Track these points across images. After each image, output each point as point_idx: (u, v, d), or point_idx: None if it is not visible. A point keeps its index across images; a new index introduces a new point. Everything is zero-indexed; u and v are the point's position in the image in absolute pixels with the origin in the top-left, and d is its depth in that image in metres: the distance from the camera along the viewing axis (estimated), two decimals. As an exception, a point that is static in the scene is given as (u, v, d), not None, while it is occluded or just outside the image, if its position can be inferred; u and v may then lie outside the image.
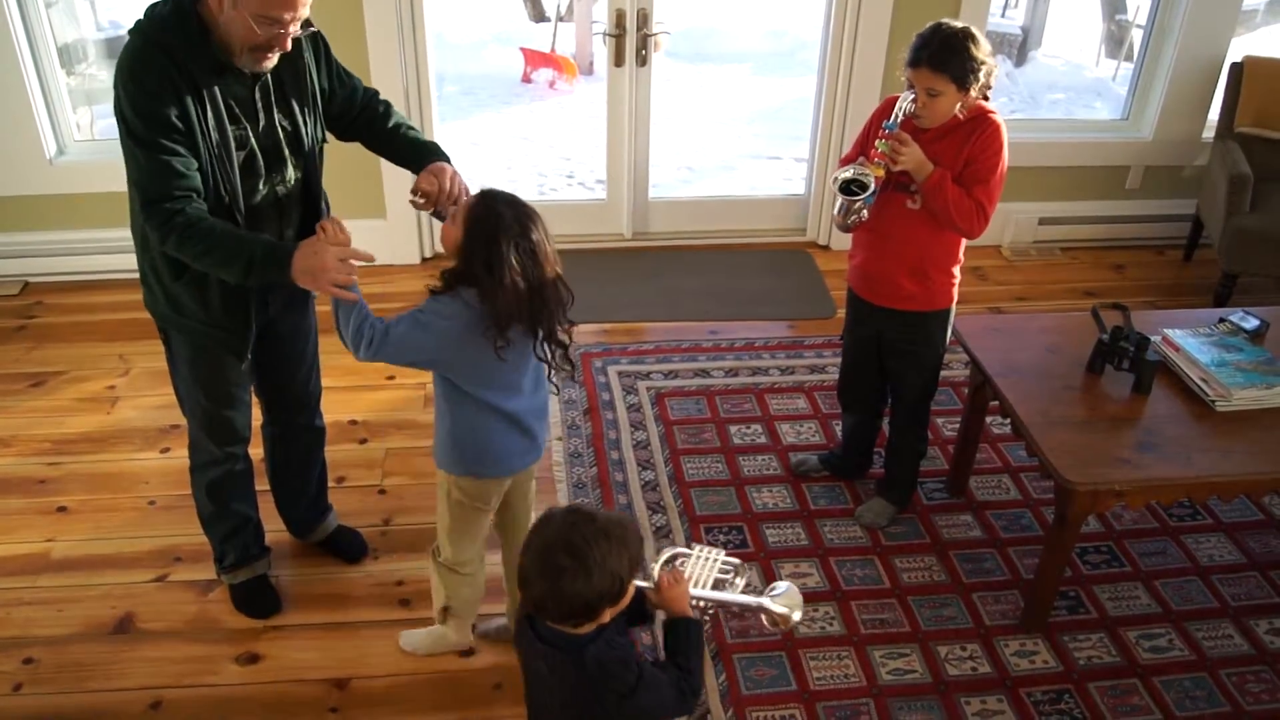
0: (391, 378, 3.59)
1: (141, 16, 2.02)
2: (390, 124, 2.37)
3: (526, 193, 5.68)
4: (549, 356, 2.13)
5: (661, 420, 3.40)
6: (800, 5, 8.60)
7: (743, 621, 2.66)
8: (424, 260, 4.34)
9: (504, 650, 2.60)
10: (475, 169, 5.89)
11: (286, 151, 2.19)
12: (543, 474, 3.15)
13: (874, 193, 2.52)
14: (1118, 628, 2.73)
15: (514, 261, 1.95)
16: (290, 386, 2.59)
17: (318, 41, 2.23)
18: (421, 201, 2.21)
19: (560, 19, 8.17)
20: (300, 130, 2.20)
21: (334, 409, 3.38)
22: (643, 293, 4.17)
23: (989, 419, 3.21)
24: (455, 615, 2.51)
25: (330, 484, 2.93)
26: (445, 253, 2.08)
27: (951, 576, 2.86)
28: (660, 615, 1.89)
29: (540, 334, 2.07)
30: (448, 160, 2.29)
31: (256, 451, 2.65)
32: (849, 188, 2.53)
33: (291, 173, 2.22)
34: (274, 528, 2.83)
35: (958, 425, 3.17)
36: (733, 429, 3.38)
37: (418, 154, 2.31)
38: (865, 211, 2.56)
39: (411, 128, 2.40)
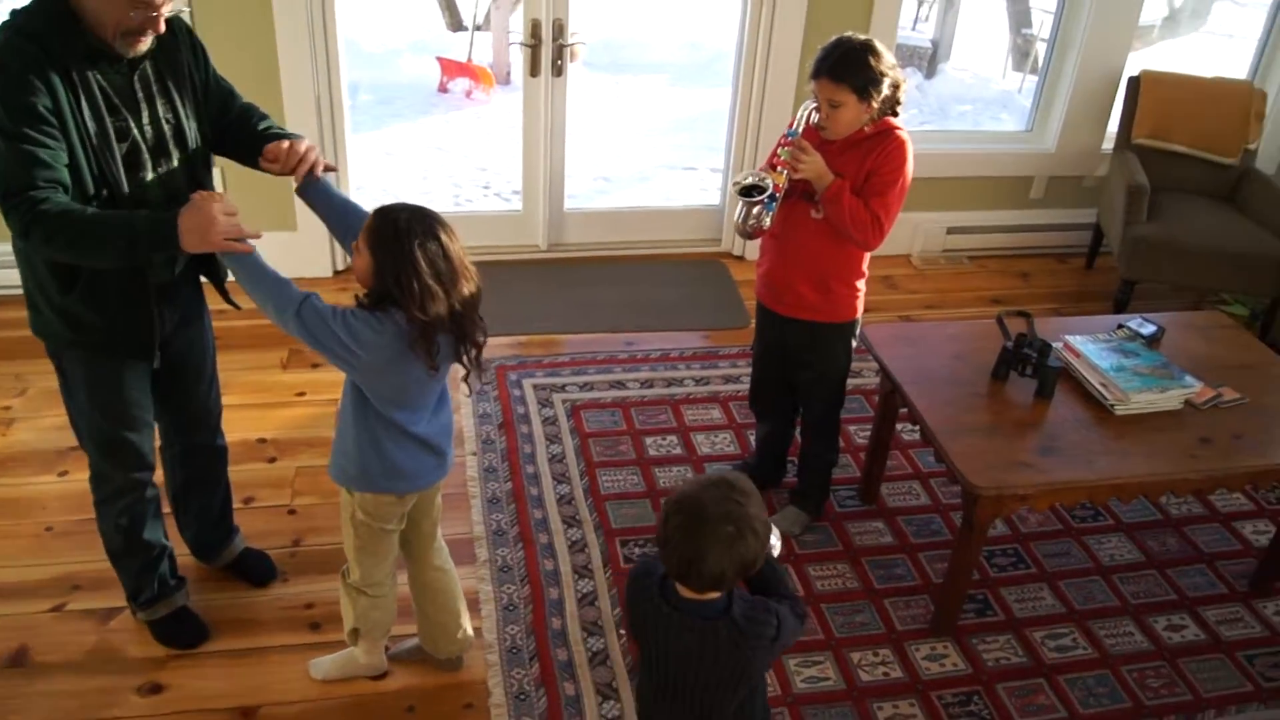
0: (302, 394, 3.52)
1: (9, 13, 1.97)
2: (262, 126, 2.31)
3: (441, 203, 5.68)
4: (470, 362, 2.13)
5: (577, 433, 3.39)
6: (717, 17, 8.67)
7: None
8: (336, 273, 4.27)
9: (417, 671, 2.57)
10: (390, 179, 5.83)
11: (171, 145, 2.13)
12: (456, 490, 3.12)
13: (774, 198, 2.54)
14: (1024, 628, 2.79)
15: (423, 264, 1.94)
16: (190, 405, 2.52)
17: (195, 42, 2.20)
18: (275, 167, 2.21)
19: (477, 28, 8.12)
20: (183, 124, 2.15)
21: (241, 427, 3.30)
22: (558, 304, 4.16)
23: (899, 426, 3.26)
24: (366, 637, 2.47)
25: (237, 505, 2.85)
26: (359, 282, 2.05)
27: (864, 583, 2.90)
28: None
29: (464, 340, 2.06)
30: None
31: (157, 475, 2.57)
32: (748, 192, 2.55)
33: (179, 167, 2.16)
34: (179, 550, 2.74)
35: (869, 433, 3.21)
36: (648, 440, 3.39)
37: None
38: (767, 219, 2.58)
39: (282, 130, 2.34)
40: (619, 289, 4.30)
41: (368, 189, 5.59)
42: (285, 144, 2.21)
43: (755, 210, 2.56)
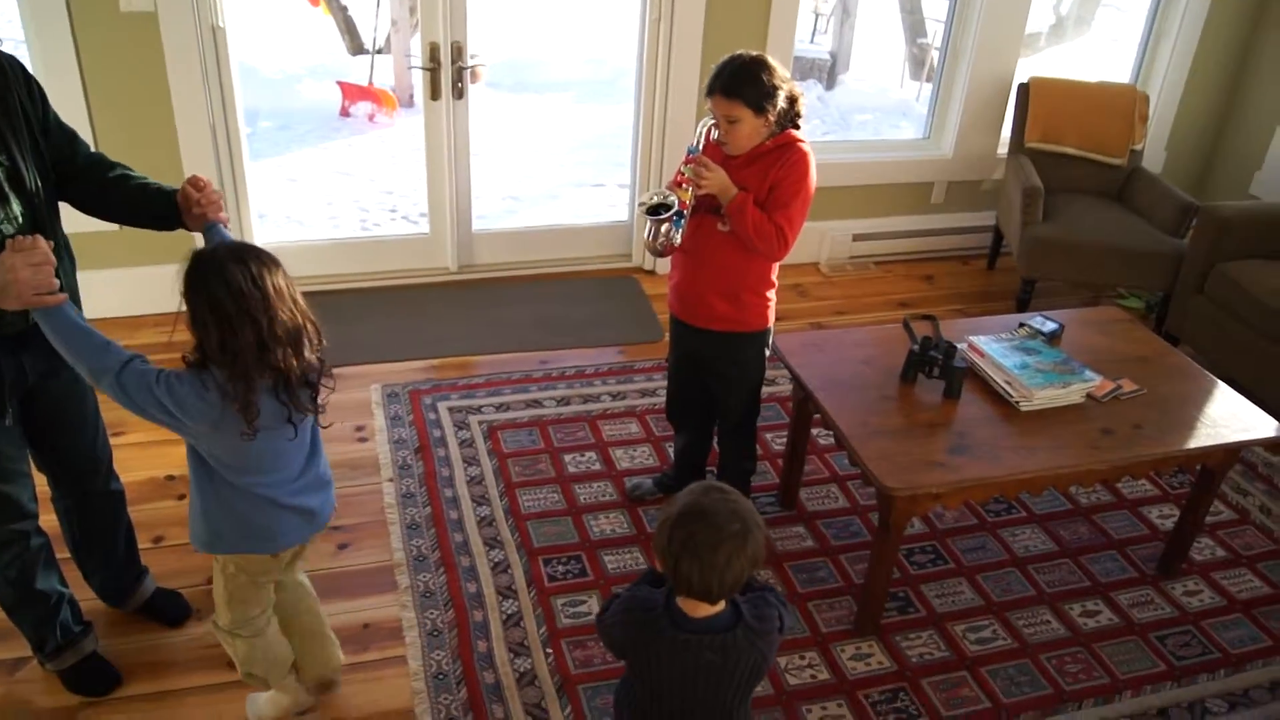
0: (210, 428, 3.43)
1: None
2: (116, 173, 2.21)
3: (348, 229, 5.59)
4: (303, 403, 1.98)
5: (495, 454, 3.37)
6: (618, 34, 8.73)
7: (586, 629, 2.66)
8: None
9: (345, 705, 2.51)
10: (293, 206, 5.73)
11: (7, 188, 2.01)
12: (374, 517, 3.08)
13: (681, 215, 2.57)
14: (945, 623, 2.85)
15: (224, 299, 1.81)
16: (73, 454, 2.41)
17: (30, 80, 2.08)
18: (198, 196, 2.15)
19: (378, 51, 8.05)
20: (19, 167, 2.03)
21: (145, 465, 3.22)
22: (471, 326, 4.13)
23: (814, 431, 3.31)
24: (269, 677, 2.37)
25: (146, 545, 2.78)
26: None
27: (787, 587, 2.93)
28: None
29: (286, 380, 1.92)
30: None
31: (50, 519, 2.46)
32: (655, 211, 2.57)
33: (18, 211, 2.03)
34: (85, 596, 2.65)
35: (785, 439, 3.25)
36: (567, 458, 3.38)
37: (148, 197, 2.19)
38: (677, 235, 2.60)
39: (144, 177, 2.25)
40: (531, 308, 4.30)
41: (271, 217, 5.50)
42: (204, 180, 2.14)
43: (664, 228, 2.58)
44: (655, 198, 2.57)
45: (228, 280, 1.82)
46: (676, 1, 4.10)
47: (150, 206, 2.22)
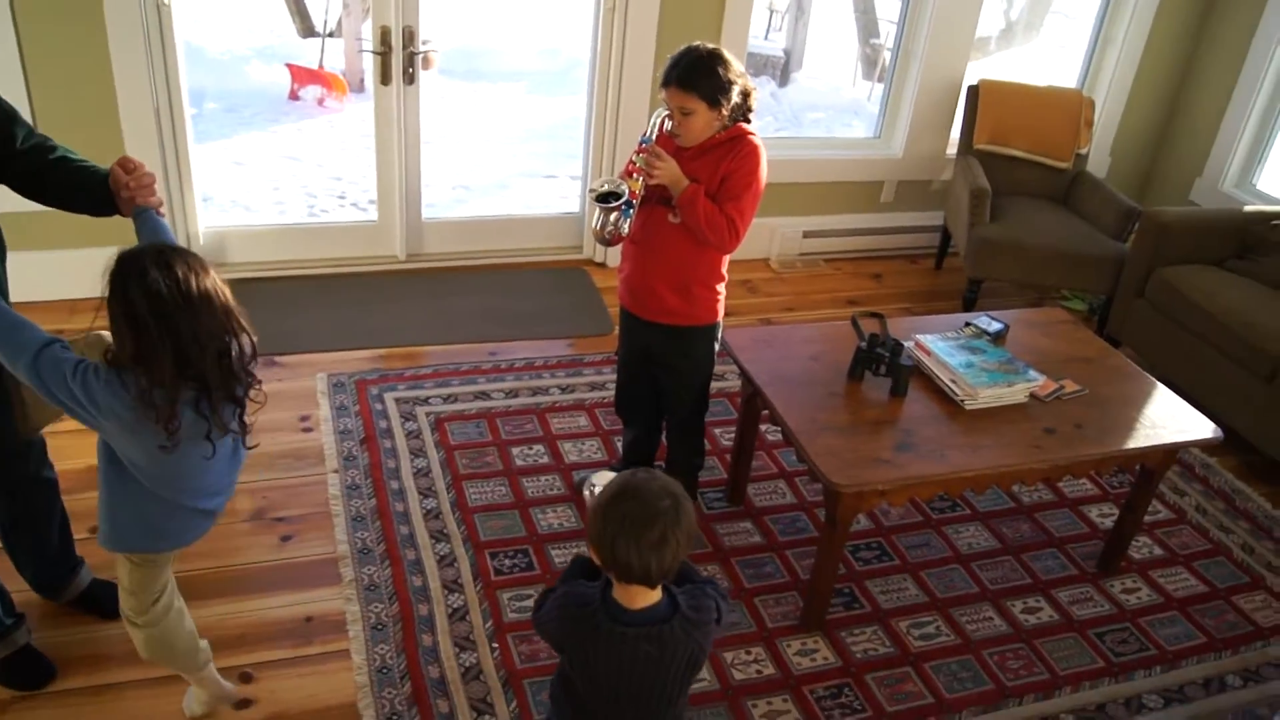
0: (149, 416, 3.36)
1: None
2: (56, 155, 2.13)
3: (296, 214, 5.51)
4: (225, 420, 1.88)
5: (442, 446, 3.34)
6: (572, 24, 8.69)
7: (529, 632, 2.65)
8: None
9: (283, 697, 2.48)
10: (240, 190, 5.63)
11: None
12: (318, 509, 3.04)
13: (630, 205, 2.56)
14: (890, 619, 2.88)
15: (139, 300, 1.71)
16: (2, 441, 2.34)
17: None
18: (127, 179, 2.07)
19: (329, 34, 7.93)
20: None
21: (79, 453, 3.13)
22: (419, 316, 4.10)
23: (763, 427, 3.32)
24: (185, 670, 2.31)
25: (81, 535, 2.70)
26: None
27: (734, 582, 2.94)
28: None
29: (209, 394, 1.83)
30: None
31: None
32: (605, 199, 2.57)
33: None
34: (18, 588, 2.59)
35: (734, 435, 3.26)
36: (515, 451, 3.36)
37: (86, 181, 2.10)
38: (625, 225, 2.59)
39: (84, 160, 2.17)
40: (481, 299, 4.27)
41: (216, 200, 5.40)
42: (135, 161, 2.06)
43: (613, 217, 2.57)
44: (606, 185, 2.57)
45: (148, 285, 1.71)
46: (632, -7, 4.09)
47: (88, 191, 2.14)
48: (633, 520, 1.68)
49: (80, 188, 2.14)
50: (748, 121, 2.64)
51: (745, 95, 2.58)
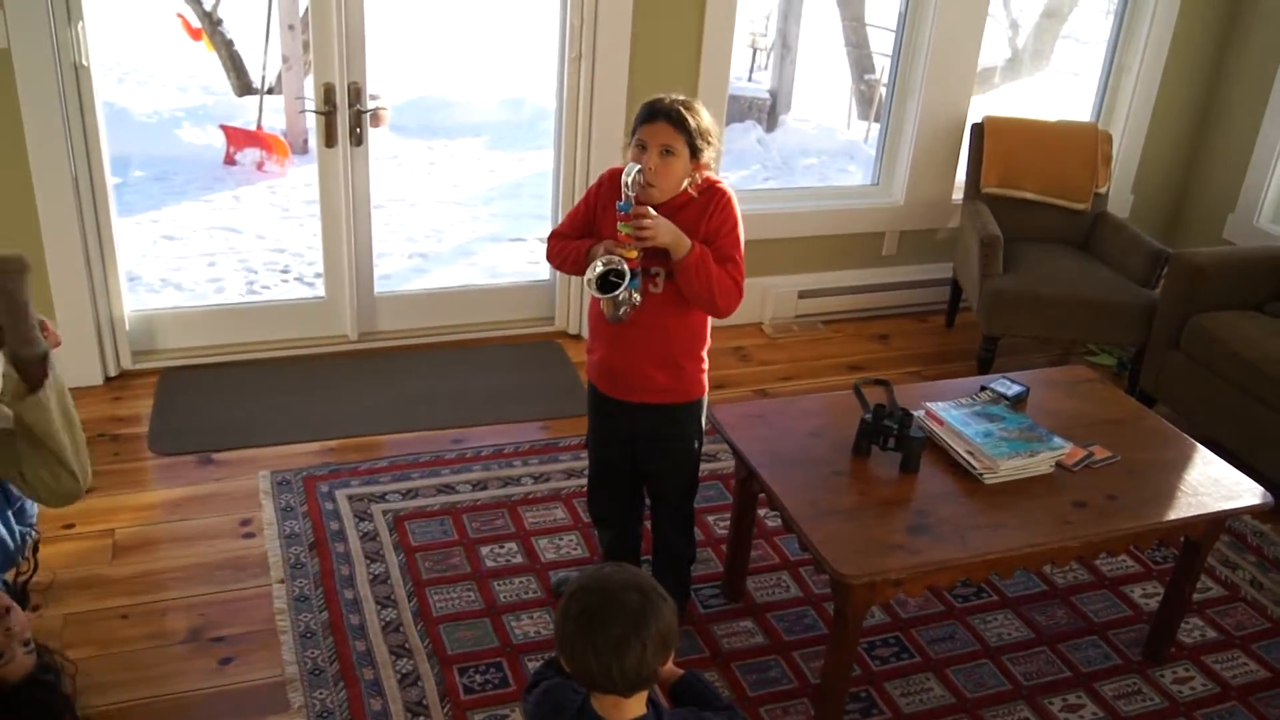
0: (70, 526, 3.34)
1: None
2: None
3: (233, 293, 5.53)
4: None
5: (402, 548, 3.32)
6: (536, 72, 8.83)
7: None
8: (108, 379, 4.09)
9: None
10: (170, 267, 5.66)
11: None
12: (263, 625, 3.00)
13: (634, 273, 2.59)
14: (912, 726, 2.84)
15: None
16: None
17: None
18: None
19: (268, 92, 8.04)
20: None
21: (-5, 572, 3.10)
22: (373, 402, 4.09)
23: (761, 512, 3.31)
24: None
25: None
26: None
27: (736, 691, 2.90)
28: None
29: None
30: None
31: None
32: (608, 285, 2.57)
33: None
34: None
35: (729, 522, 3.24)
36: (484, 550, 3.34)
37: None
38: (637, 296, 2.62)
39: None
40: (443, 380, 4.27)
41: (144, 279, 5.42)
42: None
43: (622, 296, 2.58)
44: (601, 266, 2.56)
45: None
46: (599, 37, 4.17)
47: None
48: (591, 617, 1.67)
49: None
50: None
51: (714, 153, 2.65)
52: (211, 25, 8.42)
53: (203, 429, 3.85)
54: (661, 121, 2.56)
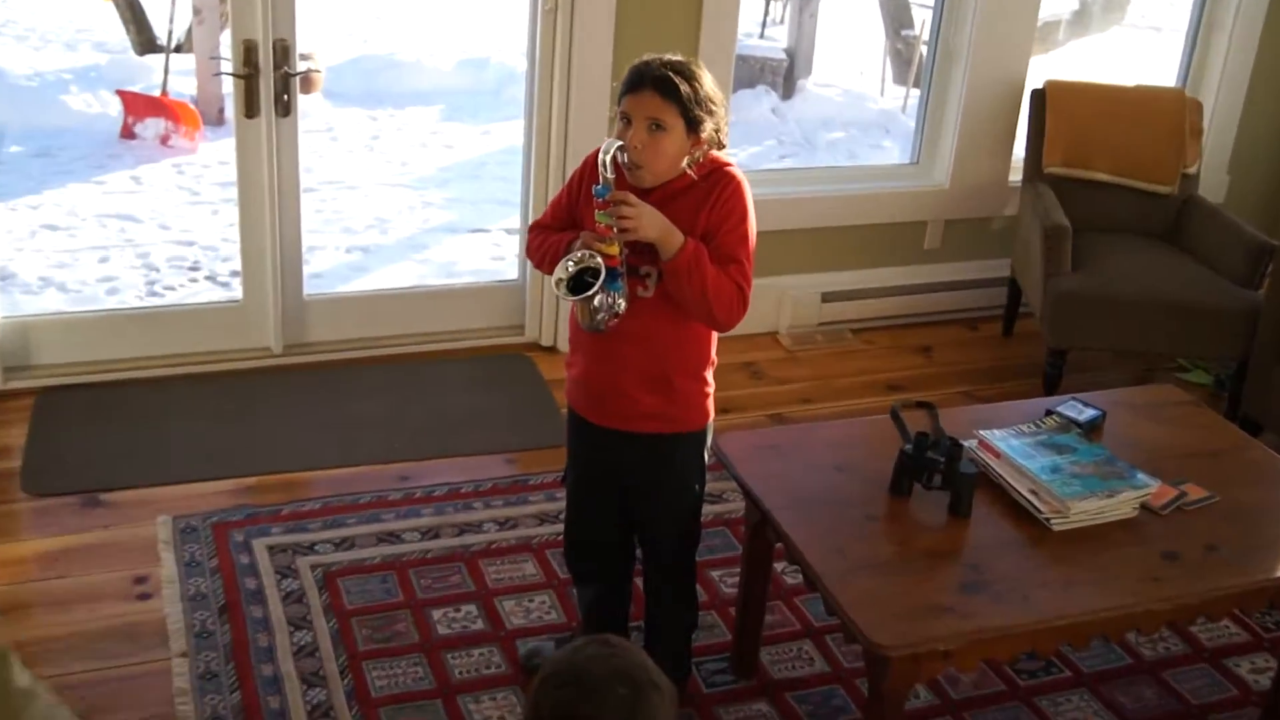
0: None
1: None
2: None
3: (130, 295, 5.49)
4: None
5: (334, 611, 3.30)
6: (503, 26, 8.84)
7: None
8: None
9: None
10: (53, 263, 5.62)
11: None
12: (160, 709, 2.97)
13: (614, 272, 2.54)
14: (965, 832, 2.81)
15: None
16: None
17: None
18: None
19: (175, 49, 8.02)
20: None
21: None
22: (301, 429, 4.08)
23: (777, 566, 3.27)
24: None
25: None
26: None
27: (746, 789, 2.87)
28: None
29: None
30: None
31: None
32: (580, 285, 2.53)
33: None
34: None
35: (738, 579, 3.21)
36: (436, 614, 3.32)
37: None
38: (621, 300, 2.58)
39: None
40: (387, 402, 4.25)
41: (19, 278, 5.38)
42: None
43: (599, 300, 2.54)
44: (572, 265, 2.53)
45: None
46: (577, -16, 4.16)
47: None
48: (567, 715, 1.65)
49: None
50: (721, 150, 2.68)
51: (719, 129, 2.62)
52: (107, -33, 8.43)
53: (89, 463, 3.83)
54: (648, 90, 2.53)
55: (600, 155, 2.54)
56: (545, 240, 2.75)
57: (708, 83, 2.58)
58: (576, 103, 4.29)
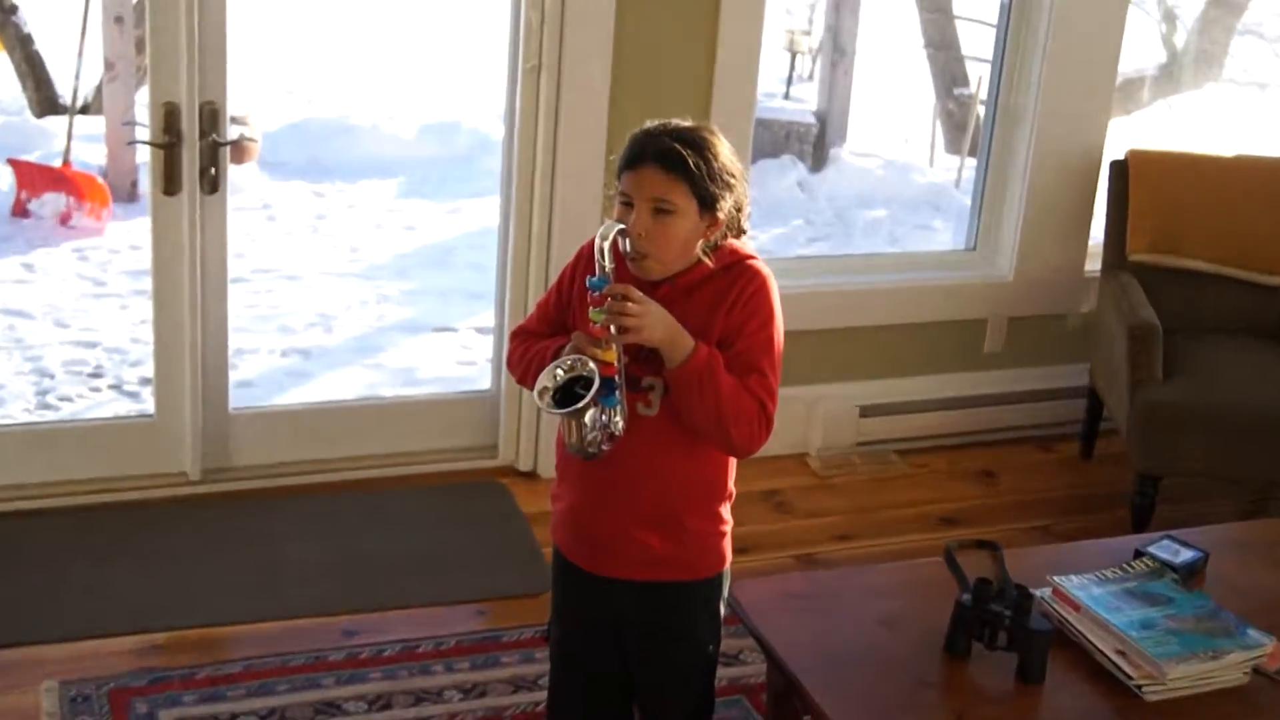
0: None
1: None
2: None
3: (17, 408, 5.50)
4: None
5: (261, 800, 3.26)
6: (475, 86, 8.93)
7: None
8: None
9: None
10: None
11: None
12: None
13: (610, 383, 2.53)
14: None
15: None
16: None
17: None
18: None
19: (81, 111, 8.10)
20: None
21: None
22: (222, 573, 4.06)
23: (807, 744, 3.24)
24: None
25: None
26: None
27: None
28: None
29: None
30: None
31: None
32: (570, 397, 2.52)
33: None
34: None
35: (759, 759, 3.19)
36: (387, 804, 3.28)
37: None
38: (619, 416, 2.56)
39: None
40: (329, 540, 4.25)
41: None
42: None
43: (591, 416, 2.53)
44: (560, 374, 2.51)
45: None
46: (567, 37, 4.21)
47: None
48: None
49: None
50: (740, 235, 2.67)
51: (739, 208, 2.62)
52: (1, 14, 8.53)
53: (-37, 615, 3.80)
54: (651, 166, 2.53)
55: (597, 241, 2.51)
56: (529, 349, 2.74)
57: (724, 152, 2.57)
58: (564, 175, 4.33)
